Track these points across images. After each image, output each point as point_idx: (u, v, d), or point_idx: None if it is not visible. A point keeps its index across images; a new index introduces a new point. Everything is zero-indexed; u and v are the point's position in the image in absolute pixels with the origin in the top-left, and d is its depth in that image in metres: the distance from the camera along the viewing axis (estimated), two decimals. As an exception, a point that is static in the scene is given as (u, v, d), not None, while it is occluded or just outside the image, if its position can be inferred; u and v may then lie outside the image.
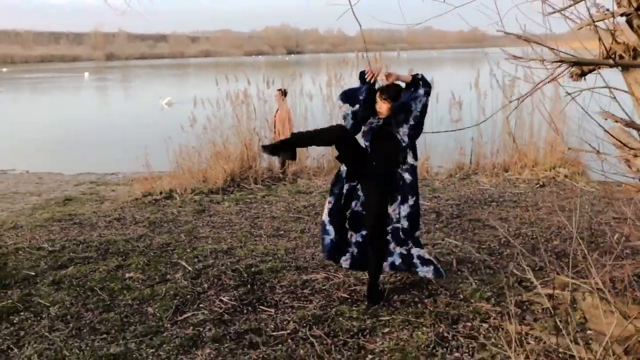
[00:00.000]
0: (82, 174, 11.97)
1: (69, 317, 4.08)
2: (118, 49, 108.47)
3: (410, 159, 4.12)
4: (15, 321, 4.03)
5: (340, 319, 3.95)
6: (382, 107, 4.07)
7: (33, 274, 4.86)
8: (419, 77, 4.15)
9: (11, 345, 3.69)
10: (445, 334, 3.62)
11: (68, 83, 43.99)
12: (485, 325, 3.70)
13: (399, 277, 4.62)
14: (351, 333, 3.74)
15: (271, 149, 4.16)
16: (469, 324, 3.75)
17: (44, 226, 6.46)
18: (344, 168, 4.26)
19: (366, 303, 4.16)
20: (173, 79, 46.40)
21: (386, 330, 3.76)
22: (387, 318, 3.92)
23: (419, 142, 9.43)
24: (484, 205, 6.82)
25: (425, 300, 4.17)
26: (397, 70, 9.67)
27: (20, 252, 5.46)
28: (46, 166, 12.85)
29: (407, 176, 4.12)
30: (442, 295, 4.24)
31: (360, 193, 4.26)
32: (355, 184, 4.25)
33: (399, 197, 4.13)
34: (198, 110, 9.43)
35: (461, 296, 4.19)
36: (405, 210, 4.12)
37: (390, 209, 4.16)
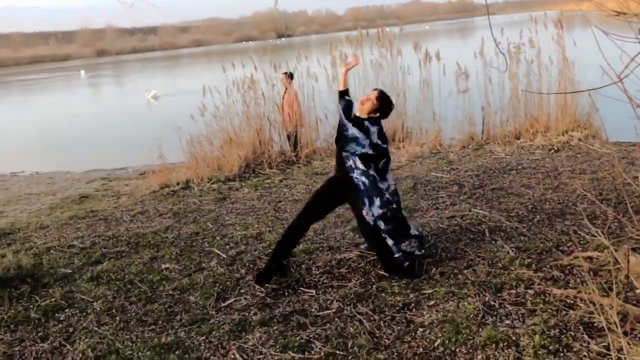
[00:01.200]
0: (91, 171, 11.96)
1: (114, 310, 4.11)
2: (108, 45, 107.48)
3: (358, 165, 4.20)
4: (61, 318, 4.06)
5: (383, 294, 3.98)
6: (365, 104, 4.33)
7: (70, 271, 4.89)
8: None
9: (62, 342, 3.72)
10: (492, 303, 3.66)
11: (64, 82, 43.68)
12: (531, 292, 3.73)
13: (434, 250, 4.65)
14: (397, 308, 3.78)
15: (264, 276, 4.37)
16: (514, 291, 3.78)
17: (70, 224, 6.47)
18: None
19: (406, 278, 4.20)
20: (166, 70, 46.10)
21: (431, 303, 3.79)
22: (430, 291, 3.95)
23: (428, 116, 9.48)
24: (504, 174, 6.83)
25: (465, 271, 4.20)
26: (402, 48, 9.64)
27: (51, 251, 5.48)
28: (55, 165, 12.84)
29: (363, 179, 4.20)
30: (481, 265, 4.27)
31: None
32: None
33: (366, 200, 4.20)
34: (203, 99, 9.38)
35: (500, 264, 4.22)
36: (376, 211, 4.19)
37: (363, 212, 4.23)
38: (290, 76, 9.48)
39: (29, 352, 3.63)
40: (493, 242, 4.68)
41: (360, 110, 4.29)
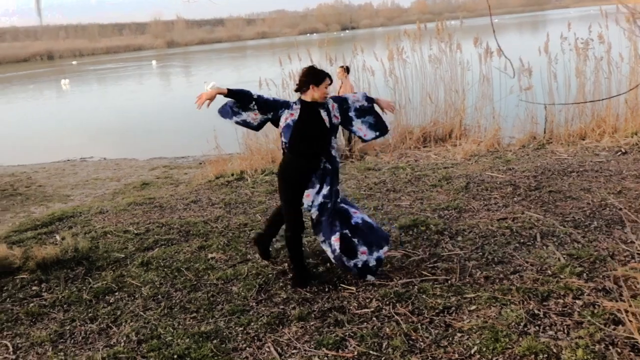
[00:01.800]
0: (154, 159, 12.42)
1: (159, 296, 4.25)
2: (178, 36, 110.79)
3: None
4: (111, 301, 4.24)
5: (424, 296, 3.91)
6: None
7: (122, 256, 5.10)
8: None
9: (110, 324, 3.89)
10: (536, 311, 3.52)
11: (137, 71, 45.50)
12: (579, 302, 3.56)
13: (481, 253, 4.52)
14: (436, 311, 3.70)
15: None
16: (561, 300, 3.62)
17: (128, 210, 6.74)
18: None
19: (449, 281, 4.11)
20: (231, 61, 47.02)
21: (472, 307, 3.69)
22: (472, 295, 3.85)
23: (487, 113, 9.17)
24: (564, 176, 6.54)
25: (511, 277, 4.06)
26: (461, 41, 9.36)
27: (108, 235, 5.73)
28: (122, 152, 13.42)
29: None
30: (529, 271, 4.12)
31: None
32: None
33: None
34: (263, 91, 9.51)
35: (549, 272, 4.05)
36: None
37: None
38: (347, 70, 9.45)
39: (78, 332, 3.81)
40: (544, 247, 4.50)
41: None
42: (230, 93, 4.13)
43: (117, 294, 4.35)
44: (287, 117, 4.10)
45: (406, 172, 7.45)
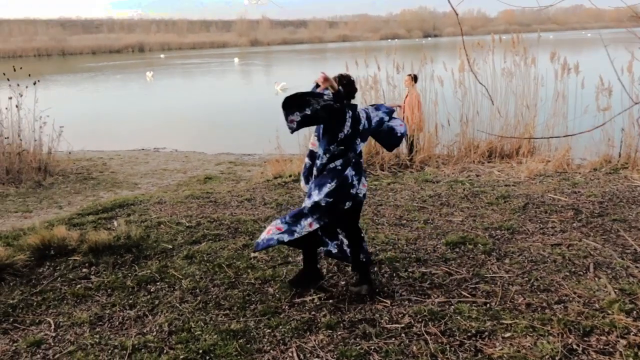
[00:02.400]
0: (222, 154, 12.79)
1: (197, 290, 4.36)
2: (261, 35, 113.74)
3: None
4: (152, 290, 4.40)
5: (458, 317, 3.78)
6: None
7: (170, 247, 5.28)
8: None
9: (146, 312, 4.03)
10: (575, 346, 3.31)
11: (219, 67, 47.10)
12: (623, 342, 3.32)
13: (527, 278, 4.32)
14: (468, 334, 3.57)
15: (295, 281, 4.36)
16: (604, 337, 3.39)
17: (184, 202, 6.97)
18: None
19: (488, 304, 3.96)
20: (310, 63, 47.59)
21: (507, 334, 3.53)
22: (510, 322, 3.68)
23: (558, 132, 8.69)
24: (632, 204, 6.12)
25: (555, 306, 3.85)
26: (537, 55, 9.02)
27: (161, 225, 5.95)
28: (192, 145, 13.92)
29: None
30: (575, 302, 3.89)
31: None
32: None
33: None
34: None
35: (597, 305, 3.81)
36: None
37: None
38: (414, 78, 9.33)
39: (116, 317, 3.98)
40: (596, 279, 4.23)
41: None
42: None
43: (158, 283, 4.50)
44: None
45: (464, 186, 7.24)
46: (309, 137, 9.28)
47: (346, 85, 4.08)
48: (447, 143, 9.68)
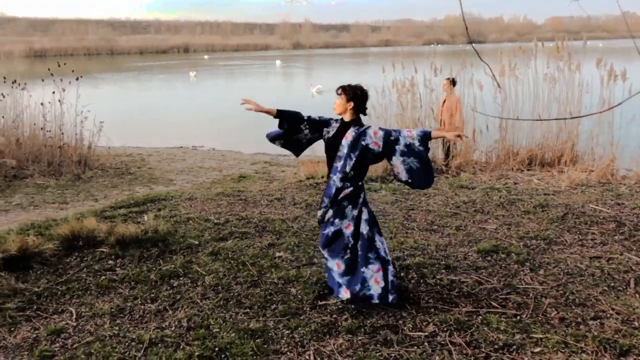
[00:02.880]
0: (258, 154, 12.82)
1: (220, 287, 4.32)
2: (304, 39, 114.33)
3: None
4: (174, 284, 4.38)
5: (486, 328, 3.62)
6: (335, 103, 3.96)
7: (197, 243, 5.26)
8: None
9: (167, 307, 4.01)
10: (609, 366, 3.11)
11: (262, 69, 47.58)
12: (663, 363, 3.10)
13: (562, 291, 4.11)
14: (495, 346, 3.40)
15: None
16: (642, 358, 3.18)
17: (214, 200, 6.97)
18: None
19: (518, 316, 3.77)
20: (351, 67, 47.52)
21: (537, 349, 3.35)
22: (541, 336, 3.49)
23: (604, 141, 8.37)
24: (681, 219, 5.78)
25: (590, 322, 3.64)
26: (582, 61, 8.67)
27: (190, 221, 5.96)
28: (230, 144, 14.02)
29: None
30: (612, 319, 3.66)
31: None
32: None
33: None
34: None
35: (636, 324, 3.58)
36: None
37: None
38: (453, 82, 9.12)
39: (137, 310, 3.97)
40: (636, 295, 3.99)
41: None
42: (280, 113, 4.07)
43: (181, 278, 4.48)
44: (325, 134, 4.04)
45: (500, 194, 7.01)
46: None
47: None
48: (485, 149, 9.42)
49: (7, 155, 9.62)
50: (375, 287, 3.85)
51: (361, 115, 4.06)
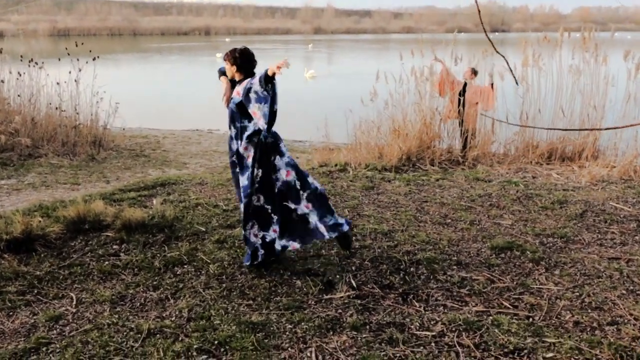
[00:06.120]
0: (273, 139, 12.67)
1: (224, 277, 4.23)
2: (325, 24, 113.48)
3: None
4: (178, 272, 4.30)
5: (496, 330, 3.47)
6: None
7: (203, 229, 5.17)
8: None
9: (169, 296, 3.93)
10: (625, 376, 2.96)
11: (288, 53, 47.32)
12: (683, 376, 2.93)
13: (577, 293, 3.94)
14: (505, 350, 3.26)
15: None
16: (660, 369, 3.01)
17: (225, 185, 6.87)
18: None
19: (531, 318, 3.62)
20: (373, 52, 47.04)
21: (549, 355, 3.20)
22: (553, 340, 3.34)
23: (628, 136, 8.09)
24: None
25: (606, 328, 3.48)
26: (610, 54, 8.39)
27: (198, 207, 5.87)
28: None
29: None
30: (630, 325, 3.50)
31: None
32: None
33: None
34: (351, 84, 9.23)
35: (655, 331, 3.41)
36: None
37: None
38: (474, 72, 8.88)
39: (139, 298, 3.90)
40: (657, 301, 3.81)
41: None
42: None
43: (185, 266, 4.40)
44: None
45: (518, 188, 6.81)
46: (358, 126, 9.03)
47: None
48: (504, 141, 9.17)
49: (23, 134, 9.63)
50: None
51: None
